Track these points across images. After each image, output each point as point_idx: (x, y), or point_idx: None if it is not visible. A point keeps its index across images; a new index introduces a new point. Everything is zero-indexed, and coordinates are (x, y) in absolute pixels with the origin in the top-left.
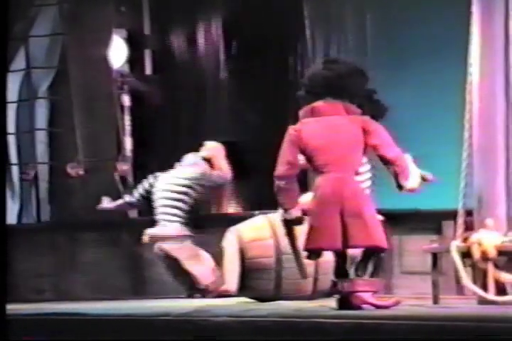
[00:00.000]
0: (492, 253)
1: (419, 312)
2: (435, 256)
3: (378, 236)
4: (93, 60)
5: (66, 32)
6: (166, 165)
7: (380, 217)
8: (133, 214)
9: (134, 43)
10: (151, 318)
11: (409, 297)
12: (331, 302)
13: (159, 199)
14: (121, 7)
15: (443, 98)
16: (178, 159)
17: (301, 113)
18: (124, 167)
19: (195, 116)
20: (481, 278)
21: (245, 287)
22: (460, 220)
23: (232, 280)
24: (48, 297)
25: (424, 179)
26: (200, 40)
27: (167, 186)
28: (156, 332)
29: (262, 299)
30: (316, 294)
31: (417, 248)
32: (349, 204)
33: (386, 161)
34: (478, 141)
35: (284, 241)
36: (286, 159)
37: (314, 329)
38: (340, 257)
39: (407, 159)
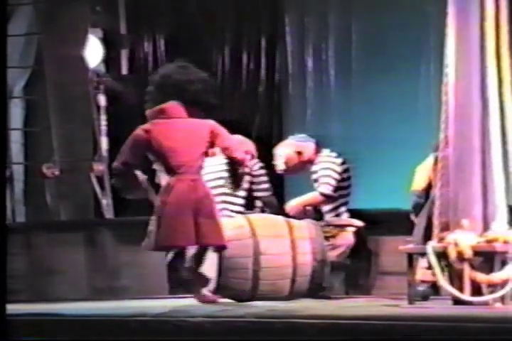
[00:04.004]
0: (468, 253)
1: (393, 312)
2: (411, 257)
3: (224, 235)
4: (69, 59)
5: (41, 31)
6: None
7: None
8: (109, 214)
9: (110, 43)
10: (127, 319)
11: (385, 297)
12: (308, 303)
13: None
14: (96, 6)
15: (419, 99)
16: None
17: (149, 113)
18: (100, 167)
19: None
20: (456, 279)
21: (222, 286)
22: (436, 221)
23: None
24: (23, 298)
25: None
26: (178, 38)
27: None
28: (133, 332)
29: (238, 299)
30: (293, 295)
31: (394, 248)
32: (202, 206)
33: (236, 162)
34: (454, 142)
35: (263, 242)
36: (124, 159)
37: (290, 329)
38: (198, 259)
39: None
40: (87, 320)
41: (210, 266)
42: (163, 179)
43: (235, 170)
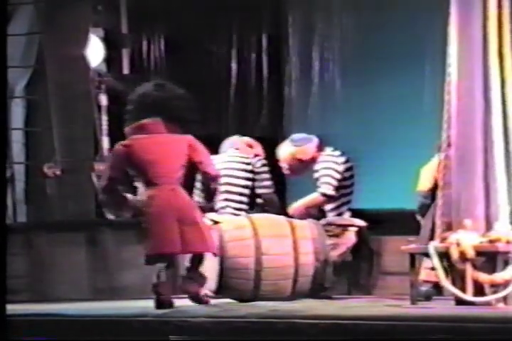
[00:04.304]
0: (470, 253)
1: (395, 313)
2: (413, 257)
3: (211, 242)
4: (70, 59)
5: (43, 31)
6: None
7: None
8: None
9: (111, 42)
10: (128, 319)
11: (388, 297)
12: (310, 303)
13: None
14: (98, 6)
15: (423, 99)
16: None
17: (128, 130)
18: (102, 167)
19: None
20: (459, 279)
21: (224, 286)
22: (438, 221)
23: (210, 279)
24: (23, 298)
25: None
26: (179, 38)
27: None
28: (134, 332)
29: (240, 299)
30: (295, 295)
31: (396, 248)
32: (184, 213)
33: (209, 177)
34: (456, 142)
35: (265, 242)
36: (109, 175)
37: (292, 329)
38: (196, 261)
39: None
40: (87, 320)
41: (211, 267)
42: (144, 193)
43: (208, 184)
